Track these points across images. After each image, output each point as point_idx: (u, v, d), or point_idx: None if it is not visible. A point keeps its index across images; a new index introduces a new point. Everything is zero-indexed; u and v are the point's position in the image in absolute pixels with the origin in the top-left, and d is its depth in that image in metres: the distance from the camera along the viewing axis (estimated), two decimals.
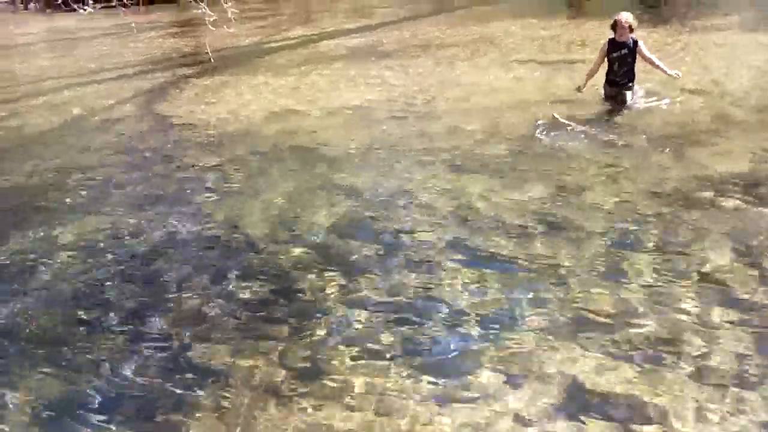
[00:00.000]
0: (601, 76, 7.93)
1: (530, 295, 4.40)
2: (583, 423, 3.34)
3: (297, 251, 5.29)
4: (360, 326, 4.28)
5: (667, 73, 7.73)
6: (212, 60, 11.58)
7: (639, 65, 7.78)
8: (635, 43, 7.50)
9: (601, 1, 15.91)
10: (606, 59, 7.69)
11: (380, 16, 17.28)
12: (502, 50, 11.46)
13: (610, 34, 7.67)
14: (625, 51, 7.53)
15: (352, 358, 3.99)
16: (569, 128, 7.10)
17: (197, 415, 3.64)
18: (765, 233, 4.85)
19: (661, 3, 15.36)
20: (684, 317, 4.04)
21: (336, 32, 15.32)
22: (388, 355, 3.98)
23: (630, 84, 7.72)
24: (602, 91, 7.95)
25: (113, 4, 14.13)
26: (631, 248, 4.83)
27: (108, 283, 5.08)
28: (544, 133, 7.15)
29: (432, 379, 3.75)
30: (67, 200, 6.70)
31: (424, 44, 12.74)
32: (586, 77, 7.88)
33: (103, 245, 5.68)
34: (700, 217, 5.16)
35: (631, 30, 7.48)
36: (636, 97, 7.83)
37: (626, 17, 7.45)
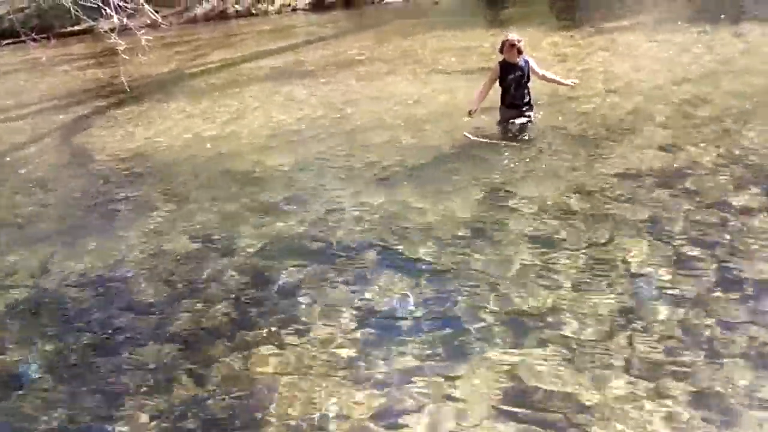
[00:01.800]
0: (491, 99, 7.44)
1: (464, 301, 4.44)
2: (522, 422, 3.38)
3: (228, 275, 5.19)
4: (296, 345, 4.23)
5: (564, 84, 7.68)
6: (128, 89, 11.29)
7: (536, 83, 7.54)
8: (527, 62, 7.19)
9: (516, 10, 16.38)
10: (500, 84, 7.27)
11: (302, 35, 17.25)
12: (423, 63, 11.60)
13: (500, 57, 7.24)
14: (519, 73, 7.17)
15: (288, 377, 3.94)
16: (483, 141, 7.12)
17: None
18: (683, 223, 5.04)
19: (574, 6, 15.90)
20: (612, 312, 4.15)
21: (257, 54, 15.19)
22: (325, 372, 3.94)
23: (530, 104, 7.39)
24: (499, 114, 7.46)
25: (22, 39, 13.61)
26: (557, 247, 4.93)
27: (27, 328, 4.89)
28: (467, 142, 7.25)
29: (373, 392, 3.74)
30: None
31: (346, 61, 12.78)
32: (476, 100, 7.30)
33: (22, 286, 5.45)
34: (621, 212, 5.32)
35: (520, 52, 7.09)
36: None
37: (514, 37, 7.10)
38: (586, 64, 9.89)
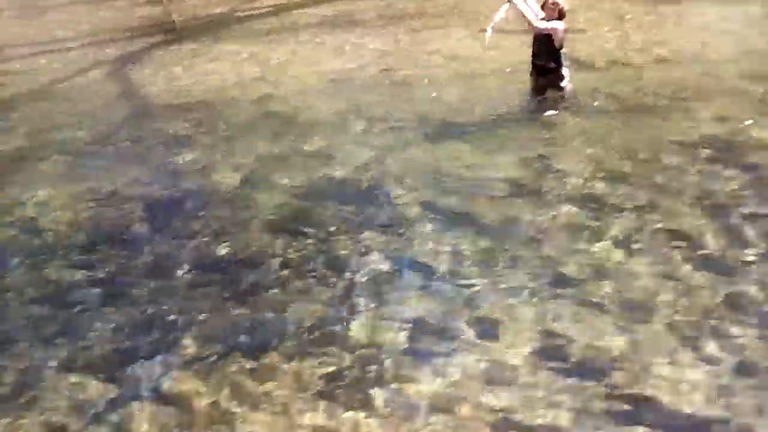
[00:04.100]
0: None
1: (505, 256, 4.42)
2: (559, 373, 3.44)
3: (268, 213, 5.25)
4: (331, 285, 4.31)
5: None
6: (178, 28, 11.32)
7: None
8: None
9: None
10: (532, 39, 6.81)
11: None
12: (478, 19, 11.36)
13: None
14: (544, 37, 6.66)
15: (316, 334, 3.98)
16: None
17: None
18: (730, 194, 4.93)
19: None
20: (654, 273, 4.10)
21: (310, 1, 15.06)
22: (358, 319, 4.00)
23: (553, 65, 6.80)
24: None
25: None
26: (599, 209, 4.86)
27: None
28: (518, 101, 7.12)
29: (410, 335, 3.80)
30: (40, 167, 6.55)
31: (399, 14, 12.58)
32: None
33: (78, 211, 5.58)
34: (667, 179, 5.21)
35: (561, 15, 6.56)
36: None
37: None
38: (649, 33, 9.57)
